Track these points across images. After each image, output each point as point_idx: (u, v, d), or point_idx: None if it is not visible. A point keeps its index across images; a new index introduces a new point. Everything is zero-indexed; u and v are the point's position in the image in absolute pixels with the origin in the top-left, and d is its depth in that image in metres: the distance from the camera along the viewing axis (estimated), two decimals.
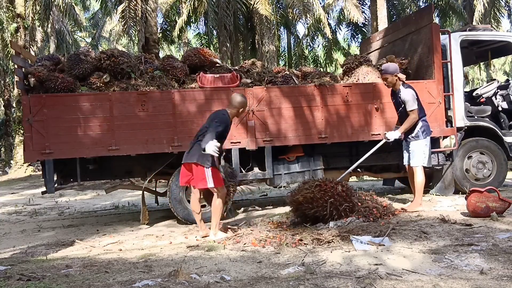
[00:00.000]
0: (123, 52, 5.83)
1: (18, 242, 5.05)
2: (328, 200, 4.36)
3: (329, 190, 4.43)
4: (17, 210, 7.90)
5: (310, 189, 4.46)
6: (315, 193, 4.40)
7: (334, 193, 4.42)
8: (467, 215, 4.79)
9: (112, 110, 5.26)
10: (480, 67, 9.94)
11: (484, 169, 6.47)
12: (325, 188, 4.45)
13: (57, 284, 2.90)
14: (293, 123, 5.73)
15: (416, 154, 5.26)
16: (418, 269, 3.04)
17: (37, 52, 20.28)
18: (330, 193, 4.41)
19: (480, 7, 18.24)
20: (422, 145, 5.23)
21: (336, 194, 4.43)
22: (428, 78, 6.20)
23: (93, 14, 30.46)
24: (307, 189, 4.49)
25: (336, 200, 4.41)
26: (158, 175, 5.89)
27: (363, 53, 8.00)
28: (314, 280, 2.88)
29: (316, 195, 4.39)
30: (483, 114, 6.74)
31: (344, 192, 4.51)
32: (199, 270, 3.24)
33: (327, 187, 4.45)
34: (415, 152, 5.27)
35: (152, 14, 14.13)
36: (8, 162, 19.80)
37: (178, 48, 29.74)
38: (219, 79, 5.86)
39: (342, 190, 4.49)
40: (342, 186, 4.57)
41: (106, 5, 19.27)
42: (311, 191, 4.43)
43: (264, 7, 15.91)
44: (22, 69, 5.29)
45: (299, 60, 21.45)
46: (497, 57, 8.27)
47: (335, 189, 4.46)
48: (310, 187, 4.49)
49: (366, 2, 20.12)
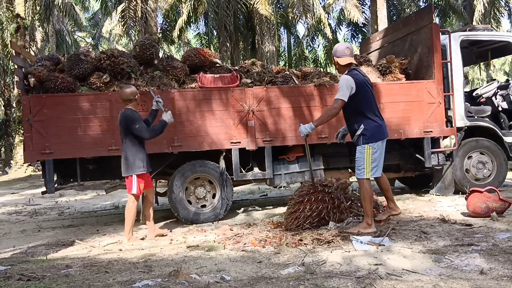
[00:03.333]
0: (123, 52, 5.83)
1: (18, 242, 5.05)
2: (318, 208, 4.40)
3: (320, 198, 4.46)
4: (17, 210, 7.90)
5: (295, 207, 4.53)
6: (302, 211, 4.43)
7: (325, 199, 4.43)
8: (467, 215, 4.79)
9: (112, 110, 5.26)
10: (480, 67, 9.92)
11: (484, 169, 6.47)
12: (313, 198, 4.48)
13: (57, 284, 2.90)
14: (293, 123, 5.72)
15: (357, 163, 4.29)
16: (418, 269, 3.04)
17: (37, 52, 20.27)
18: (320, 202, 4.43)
19: (480, 7, 18.23)
20: (362, 153, 4.22)
21: (326, 201, 4.43)
22: (428, 78, 6.20)
23: (93, 14, 30.48)
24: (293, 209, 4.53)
25: (327, 207, 4.43)
26: (158, 175, 5.89)
27: (363, 53, 8.00)
28: (314, 280, 2.88)
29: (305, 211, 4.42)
30: (483, 114, 6.74)
31: (334, 195, 4.51)
32: (199, 270, 3.24)
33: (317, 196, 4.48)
34: (356, 161, 4.31)
35: (152, 14, 14.15)
36: (8, 162, 19.79)
37: (178, 48, 29.74)
38: (219, 79, 5.86)
39: (331, 196, 4.49)
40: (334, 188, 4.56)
41: (106, 5, 19.28)
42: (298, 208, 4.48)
43: (264, 7, 15.91)
44: (22, 69, 5.29)
45: (299, 60, 21.44)
46: (497, 57, 8.27)
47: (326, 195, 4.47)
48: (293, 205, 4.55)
49: (366, 2, 20.13)
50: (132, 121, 4.51)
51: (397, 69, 6.39)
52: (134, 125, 4.49)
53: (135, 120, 4.52)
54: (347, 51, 4.31)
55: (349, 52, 4.31)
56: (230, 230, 4.72)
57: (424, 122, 6.07)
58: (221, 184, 5.59)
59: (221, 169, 5.57)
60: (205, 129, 5.50)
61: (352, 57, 4.36)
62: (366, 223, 4.17)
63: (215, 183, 5.63)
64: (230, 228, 4.82)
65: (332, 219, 4.44)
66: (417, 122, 6.06)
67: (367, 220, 4.17)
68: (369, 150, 4.19)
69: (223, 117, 5.55)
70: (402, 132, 6.00)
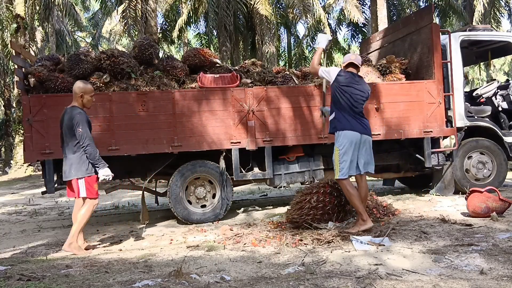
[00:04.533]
0: (123, 52, 5.82)
1: (18, 242, 5.05)
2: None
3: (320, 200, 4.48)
4: (17, 210, 7.90)
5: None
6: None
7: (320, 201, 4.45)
8: (467, 215, 4.79)
9: (112, 110, 5.26)
10: (480, 67, 9.93)
11: (484, 169, 6.47)
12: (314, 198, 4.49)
13: (57, 284, 2.90)
14: (293, 123, 5.73)
15: (333, 164, 4.38)
16: (418, 269, 3.04)
17: (37, 52, 20.28)
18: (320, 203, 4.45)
19: (480, 7, 18.23)
20: (333, 154, 4.35)
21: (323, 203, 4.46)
22: (428, 78, 6.20)
23: (93, 14, 30.47)
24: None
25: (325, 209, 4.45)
26: (158, 175, 5.89)
27: (363, 53, 8.00)
28: (314, 280, 2.87)
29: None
30: (483, 114, 6.74)
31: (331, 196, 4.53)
32: (199, 270, 3.24)
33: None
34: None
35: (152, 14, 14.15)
36: (8, 162, 19.79)
37: (178, 48, 29.75)
38: (219, 79, 5.87)
39: (340, 193, 4.50)
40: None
41: (106, 5, 19.28)
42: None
43: (264, 7, 15.91)
44: (22, 69, 5.29)
45: (299, 60, 21.45)
46: (497, 57, 8.27)
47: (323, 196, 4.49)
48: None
49: (366, 2, 20.12)
50: (77, 122, 4.11)
51: (397, 69, 6.39)
52: (78, 128, 4.11)
53: (80, 122, 4.12)
54: (353, 56, 4.51)
55: (354, 57, 4.48)
56: (230, 230, 4.73)
57: (424, 122, 6.08)
58: (221, 184, 5.59)
59: (221, 169, 5.57)
60: (205, 129, 5.50)
61: (355, 61, 4.43)
62: (361, 220, 4.21)
63: (215, 183, 5.63)
64: (230, 228, 4.82)
65: (335, 216, 4.46)
66: (417, 122, 6.06)
67: (361, 217, 4.20)
68: (336, 151, 4.29)
69: (223, 117, 5.55)
70: (402, 132, 6.00)
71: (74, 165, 4.16)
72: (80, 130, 4.10)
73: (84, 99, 4.30)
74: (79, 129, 4.10)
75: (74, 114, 4.15)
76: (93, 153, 4.15)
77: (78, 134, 4.11)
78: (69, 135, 4.18)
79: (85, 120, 4.19)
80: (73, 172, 4.16)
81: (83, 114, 4.21)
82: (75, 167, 4.15)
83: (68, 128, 4.17)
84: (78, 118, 4.12)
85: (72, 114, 4.16)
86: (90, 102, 4.39)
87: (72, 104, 4.29)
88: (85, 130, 4.13)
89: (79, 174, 4.16)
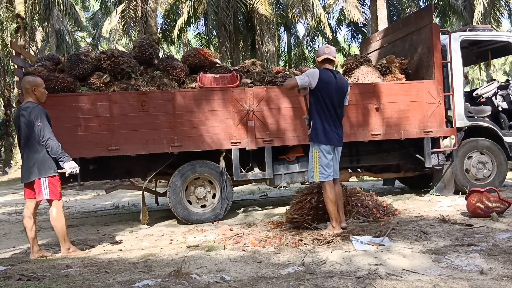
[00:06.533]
0: (123, 52, 5.83)
1: (18, 242, 5.05)
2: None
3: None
4: (17, 210, 7.89)
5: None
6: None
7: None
8: (467, 215, 4.79)
9: (112, 110, 5.26)
10: (480, 67, 9.93)
11: (484, 169, 6.47)
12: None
13: (57, 284, 2.90)
14: (293, 123, 5.72)
15: (309, 165, 4.42)
16: (418, 269, 3.04)
17: (37, 52, 20.28)
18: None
19: (480, 7, 18.22)
20: (311, 156, 4.34)
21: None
22: (428, 78, 6.20)
23: (93, 14, 30.49)
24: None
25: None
26: (158, 175, 5.89)
27: (363, 53, 8.00)
28: (314, 280, 2.87)
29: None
30: (483, 114, 6.75)
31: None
32: (199, 270, 3.24)
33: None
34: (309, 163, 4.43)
35: (152, 14, 14.15)
36: (8, 162, 19.79)
37: (178, 48, 29.75)
38: (219, 79, 5.87)
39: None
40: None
41: (106, 5, 19.28)
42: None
43: (264, 7, 15.91)
44: (22, 69, 5.29)
45: (299, 60, 21.44)
46: (497, 57, 8.27)
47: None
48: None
49: (366, 2, 20.12)
50: (36, 117, 3.91)
51: (397, 69, 6.39)
52: (37, 121, 3.91)
53: (39, 118, 3.92)
54: (327, 50, 4.32)
55: (328, 51, 4.31)
56: (230, 230, 4.73)
57: (424, 122, 6.07)
58: (221, 184, 5.59)
59: (221, 169, 5.57)
60: (205, 129, 5.50)
61: (330, 55, 4.28)
62: (331, 225, 4.20)
63: (215, 183, 5.63)
64: (230, 228, 4.82)
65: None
66: (417, 122, 6.06)
67: (332, 223, 4.18)
68: (315, 153, 4.25)
69: (223, 117, 5.55)
70: (402, 132, 6.00)
71: (37, 164, 3.95)
72: (39, 123, 3.90)
73: (37, 92, 4.09)
74: (37, 123, 3.90)
75: (31, 109, 3.96)
76: (55, 147, 3.95)
77: (37, 127, 3.90)
78: (29, 133, 3.95)
79: (44, 113, 3.99)
80: (36, 172, 3.96)
81: (40, 108, 4.02)
82: (38, 167, 3.95)
83: (27, 125, 3.95)
84: (36, 111, 3.94)
85: (28, 109, 3.97)
86: (44, 95, 4.17)
87: (26, 101, 4.09)
88: (44, 123, 3.93)
89: (43, 174, 3.96)
